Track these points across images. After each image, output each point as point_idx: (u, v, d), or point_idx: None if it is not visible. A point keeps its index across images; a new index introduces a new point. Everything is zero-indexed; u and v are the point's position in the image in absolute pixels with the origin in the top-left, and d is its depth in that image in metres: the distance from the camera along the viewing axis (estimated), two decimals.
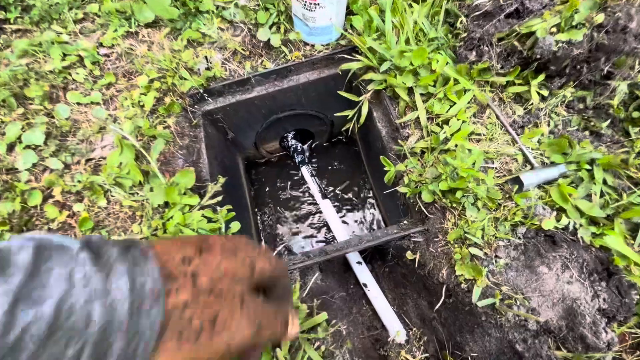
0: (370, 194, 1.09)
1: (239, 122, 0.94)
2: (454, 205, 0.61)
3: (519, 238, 0.58)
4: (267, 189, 1.15)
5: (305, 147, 1.14)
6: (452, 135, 0.66)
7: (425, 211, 0.65)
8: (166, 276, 0.24)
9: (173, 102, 0.77)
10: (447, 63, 0.68)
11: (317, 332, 0.58)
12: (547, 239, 0.58)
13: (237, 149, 1.08)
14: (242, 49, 0.84)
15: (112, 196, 0.67)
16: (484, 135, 0.67)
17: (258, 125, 0.99)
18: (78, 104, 0.77)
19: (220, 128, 0.94)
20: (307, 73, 0.87)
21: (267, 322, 0.28)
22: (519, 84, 0.69)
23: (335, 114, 1.03)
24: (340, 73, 0.86)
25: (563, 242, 0.56)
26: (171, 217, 0.64)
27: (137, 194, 0.67)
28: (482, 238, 0.59)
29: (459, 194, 0.58)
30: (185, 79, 0.80)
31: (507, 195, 0.61)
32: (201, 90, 0.81)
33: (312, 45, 0.85)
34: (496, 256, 0.58)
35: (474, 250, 0.57)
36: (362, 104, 0.78)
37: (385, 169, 0.68)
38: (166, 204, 0.66)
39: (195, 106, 0.85)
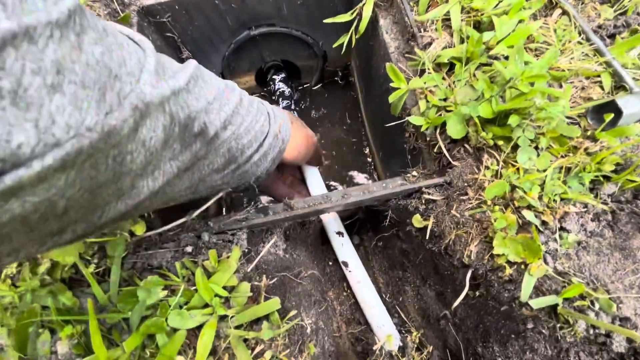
0: (367, 151, 0.85)
1: (197, 35, 0.69)
2: (499, 143, 0.38)
3: (604, 202, 0.35)
4: None
5: (295, 93, 0.89)
6: (500, 41, 0.42)
7: (447, 155, 0.42)
8: None
9: None
10: None
11: (260, 329, 0.36)
12: None
13: None
14: None
15: None
16: (549, 44, 0.43)
17: (224, 45, 0.74)
18: None
19: (170, 40, 0.69)
20: None
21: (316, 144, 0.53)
22: None
23: (329, 40, 0.78)
24: None
25: None
26: None
27: None
28: (539, 199, 0.36)
29: (513, 120, 0.35)
30: None
31: (587, 134, 0.38)
32: None
33: None
34: (562, 228, 0.36)
35: (528, 215, 0.35)
36: (366, 2, 0.53)
37: (391, 85, 0.44)
38: None
39: None
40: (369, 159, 0.85)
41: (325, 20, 0.58)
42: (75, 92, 0.17)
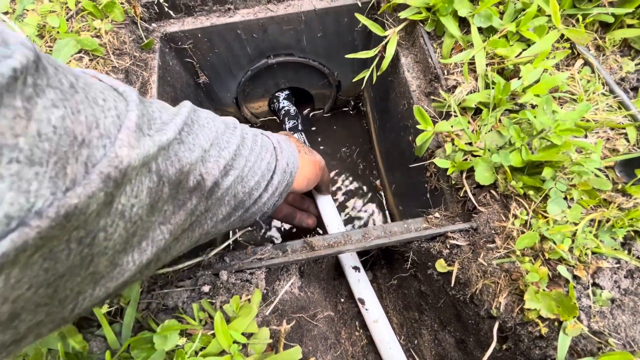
0: (377, 182, 0.85)
1: (216, 62, 0.70)
2: (529, 192, 0.37)
3: (638, 258, 0.35)
4: None
5: (301, 113, 0.90)
6: (525, 88, 0.43)
7: (473, 200, 0.41)
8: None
9: (113, 3, 0.52)
10: None
11: None
12: None
13: (212, 103, 0.84)
14: None
15: None
16: (573, 94, 0.44)
17: (242, 71, 0.74)
18: None
19: (188, 66, 0.69)
20: None
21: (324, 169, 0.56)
22: (631, 26, 0.45)
23: (344, 71, 0.79)
24: (359, 5, 0.62)
25: None
26: None
27: None
28: (570, 252, 0.35)
29: (547, 173, 0.34)
30: None
31: (617, 187, 0.38)
32: (161, 0, 0.57)
33: None
34: (595, 284, 0.35)
35: (561, 270, 0.34)
36: (388, 41, 0.54)
37: (418, 127, 0.44)
38: None
39: (153, 24, 0.60)
40: (380, 193, 0.84)
41: (347, 56, 0.59)
42: (19, 172, 0.14)
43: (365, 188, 0.85)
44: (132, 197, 0.19)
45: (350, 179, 0.86)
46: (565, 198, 0.37)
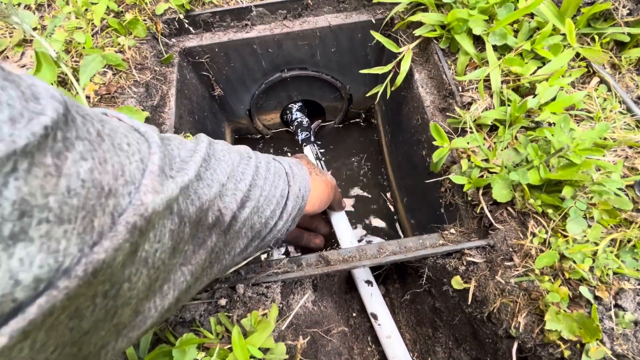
0: (389, 195, 0.85)
1: (231, 75, 0.71)
2: (548, 211, 0.37)
3: None
4: None
5: (313, 125, 0.91)
6: (542, 106, 0.43)
7: (490, 217, 0.41)
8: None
9: (136, 20, 0.54)
10: (542, 1, 0.45)
11: None
12: None
13: (226, 115, 0.85)
14: None
15: None
16: (589, 112, 0.44)
17: (256, 84, 0.76)
18: (1, 2, 0.54)
19: (204, 79, 0.71)
20: (328, 15, 0.64)
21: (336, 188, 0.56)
22: None
23: (356, 84, 0.80)
24: (373, 22, 0.63)
25: None
26: None
27: None
28: (591, 272, 0.35)
29: (567, 192, 0.34)
30: None
31: (637, 206, 0.37)
32: (181, 16, 0.58)
33: None
34: (617, 305, 0.34)
35: (583, 291, 0.33)
36: (403, 57, 0.55)
37: (434, 143, 0.44)
38: None
39: (172, 39, 0.62)
40: (391, 205, 0.84)
41: (362, 71, 0.60)
42: (49, 232, 0.13)
43: (375, 200, 0.85)
44: (155, 242, 0.18)
45: (361, 190, 0.87)
46: (585, 217, 0.37)
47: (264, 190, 0.32)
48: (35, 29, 0.53)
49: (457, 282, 0.42)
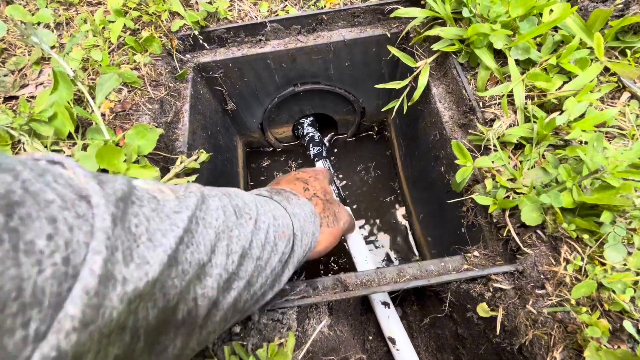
0: (403, 210, 0.83)
1: (244, 90, 0.71)
2: (582, 236, 0.35)
3: None
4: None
5: (325, 138, 0.90)
6: (570, 123, 0.41)
7: (518, 240, 0.39)
8: (307, 200, 0.42)
9: (152, 37, 0.54)
10: (569, 15, 0.43)
11: None
12: None
13: (238, 129, 0.85)
14: None
15: (24, 150, 0.43)
16: (621, 129, 0.41)
17: (268, 98, 0.76)
18: (21, 22, 0.55)
19: (217, 94, 0.71)
20: (342, 29, 0.63)
21: (350, 215, 0.50)
22: None
23: (369, 98, 0.79)
24: (389, 36, 0.62)
25: None
26: None
27: (63, 151, 0.43)
28: (632, 302, 0.32)
29: (605, 217, 0.32)
30: (177, 13, 0.57)
31: None
32: (196, 32, 0.59)
33: None
34: None
35: (627, 326, 0.31)
36: (421, 71, 0.54)
37: (457, 162, 0.42)
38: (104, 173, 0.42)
39: (187, 55, 0.62)
40: (405, 221, 0.82)
41: (377, 86, 0.59)
42: None
43: (389, 214, 0.83)
44: None
45: (374, 204, 0.85)
46: (624, 242, 0.34)
47: (260, 259, 0.27)
48: (53, 47, 0.53)
49: (483, 310, 0.39)
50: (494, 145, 0.42)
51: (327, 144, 0.89)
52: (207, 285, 0.21)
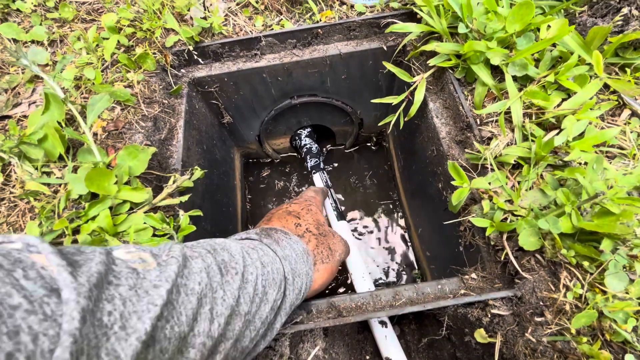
0: (402, 223, 0.82)
1: (240, 103, 0.71)
2: (582, 263, 0.34)
3: None
4: (268, 197, 0.89)
5: (323, 150, 0.89)
6: (569, 142, 0.40)
7: (516, 264, 0.38)
8: (299, 237, 0.41)
9: (146, 54, 0.53)
10: (567, 34, 0.43)
11: None
12: None
13: (235, 141, 0.84)
14: (255, 0, 0.61)
15: (14, 172, 0.43)
16: (622, 148, 0.40)
17: (265, 111, 0.75)
18: (14, 40, 0.54)
19: (213, 107, 0.70)
20: (338, 43, 0.63)
21: (344, 244, 0.48)
22: None
23: (367, 109, 0.78)
24: (385, 49, 0.62)
25: None
26: (93, 218, 0.39)
27: (54, 174, 0.42)
28: (634, 332, 0.31)
29: (605, 246, 0.31)
30: (171, 29, 0.57)
31: None
32: (190, 47, 0.58)
33: (352, 6, 0.61)
34: None
35: (629, 359, 0.30)
36: (417, 87, 0.53)
37: (453, 183, 0.42)
38: (94, 197, 0.41)
39: (182, 70, 0.62)
40: (405, 233, 0.81)
41: (373, 100, 0.58)
42: None
43: (388, 225, 0.82)
44: None
45: (372, 215, 0.84)
46: (626, 270, 0.33)
47: (248, 314, 0.26)
48: (47, 65, 0.53)
49: (480, 336, 0.38)
50: (491, 165, 0.41)
51: (323, 156, 0.89)
52: (189, 357, 0.20)
